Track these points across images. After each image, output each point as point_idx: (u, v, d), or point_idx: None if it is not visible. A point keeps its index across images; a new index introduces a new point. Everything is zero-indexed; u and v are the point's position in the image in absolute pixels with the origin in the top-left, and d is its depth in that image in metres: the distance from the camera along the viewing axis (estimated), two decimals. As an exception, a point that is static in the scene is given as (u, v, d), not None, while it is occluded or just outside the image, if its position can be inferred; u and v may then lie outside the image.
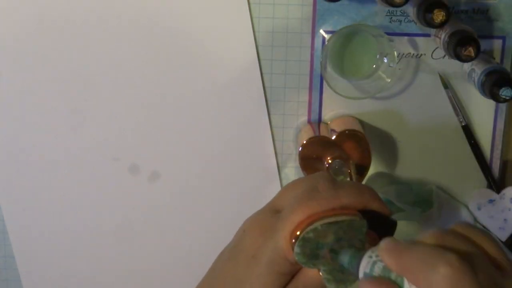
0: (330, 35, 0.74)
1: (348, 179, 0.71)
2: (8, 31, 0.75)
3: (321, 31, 0.75)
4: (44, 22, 0.75)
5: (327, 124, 0.76)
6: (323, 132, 0.73)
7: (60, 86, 0.77)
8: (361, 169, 0.72)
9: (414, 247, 0.46)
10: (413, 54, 0.75)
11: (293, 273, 0.54)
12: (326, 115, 0.77)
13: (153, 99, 0.77)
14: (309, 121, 0.77)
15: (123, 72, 0.76)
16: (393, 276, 0.46)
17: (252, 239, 0.55)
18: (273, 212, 0.56)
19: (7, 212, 0.79)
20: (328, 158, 0.71)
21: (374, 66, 0.73)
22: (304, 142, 0.71)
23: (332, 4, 0.73)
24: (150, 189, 0.79)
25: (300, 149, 0.71)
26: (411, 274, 0.45)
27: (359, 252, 0.50)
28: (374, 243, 0.52)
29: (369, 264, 0.48)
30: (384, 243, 0.47)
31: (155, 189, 0.79)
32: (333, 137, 0.71)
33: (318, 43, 0.75)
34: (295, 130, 0.77)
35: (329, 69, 0.73)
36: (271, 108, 0.77)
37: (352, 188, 0.53)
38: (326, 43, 0.74)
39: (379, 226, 0.54)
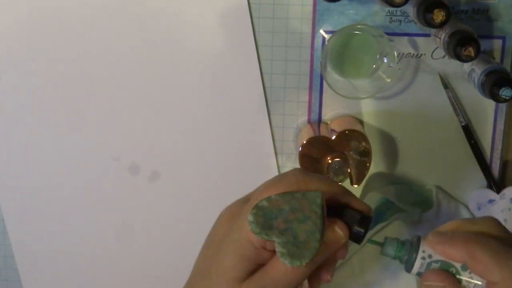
0: (330, 35, 0.74)
1: (348, 179, 0.72)
2: (8, 31, 0.75)
3: (321, 31, 0.75)
4: (44, 22, 0.75)
5: (327, 124, 0.76)
6: (323, 132, 0.73)
7: (60, 86, 0.77)
8: (361, 169, 0.72)
9: (484, 240, 0.49)
10: (413, 54, 0.75)
11: (258, 261, 0.54)
12: (326, 115, 0.77)
13: (153, 99, 0.77)
14: (309, 121, 0.77)
15: (123, 72, 0.76)
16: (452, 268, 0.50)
17: (221, 225, 0.56)
18: (244, 201, 0.57)
19: (7, 212, 0.79)
20: (328, 158, 0.71)
21: (374, 66, 0.73)
22: (304, 142, 0.71)
23: (332, 4, 0.73)
24: (150, 189, 0.79)
25: (300, 149, 0.71)
26: (483, 265, 0.48)
27: (404, 246, 0.53)
28: (342, 233, 0.53)
29: (423, 265, 0.51)
30: (437, 235, 0.51)
31: (155, 188, 0.79)
32: (333, 137, 0.71)
33: (318, 43, 0.75)
34: (295, 130, 0.77)
35: (329, 69, 0.73)
36: (271, 108, 0.77)
37: (322, 178, 0.54)
38: (326, 43, 0.74)
39: (353, 221, 0.54)
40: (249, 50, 0.75)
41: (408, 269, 0.52)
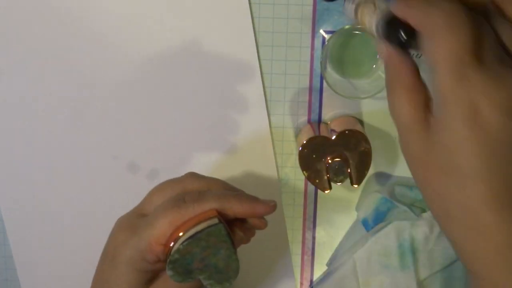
0: (330, 35, 0.74)
1: (348, 179, 0.72)
2: (8, 31, 0.75)
3: (321, 31, 0.75)
4: (43, 22, 0.75)
5: (327, 124, 0.76)
6: (323, 132, 0.73)
7: (58, 85, 0.77)
8: (361, 169, 0.72)
9: None
10: (413, 54, 0.75)
11: (155, 270, 0.57)
12: (326, 115, 0.77)
13: (152, 98, 0.77)
14: (309, 121, 0.77)
15: (122, 71, 0.76)
16: None
17: (115, 239, 0.59)
18: (138, 215, 0.60)
19: (6, 211, 0.79)
20: (328, 158, 0.71)
21: (374, 66, 0.73)
22: (304, 142, 0.71)
23: (332, 4, 0.73)
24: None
25: (300, 149, 0.71)
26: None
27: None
28: (242, 234, 0.59)
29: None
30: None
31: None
32: (333, 137, 0.71)
33: (318, 43, 0.75)
34: (295, 130, 0.77)
35: (329, 69, 0.73)
36: (271, 108, 0.77)
37: (214, 197, 0.57)
38: (326, 43, 0.74)
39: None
40: (249, 50, 0.75)
41: None
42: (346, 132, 0.71)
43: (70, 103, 0.77)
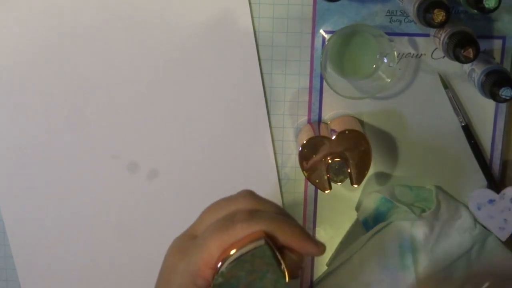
0: (330, 35, 0.74)
1: (348, 179, 0.72)
2: (8, 31, 0.75)
3: (321, 31, 0.75)
4: (43, 22, 0.75)
5: (327, 124, 0.76)
6: (323, 132, 0.73)
7: (59, 85, 0.77)
8: (361, 169, 0.72)
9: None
10: (413, 54, 0.75)
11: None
12: (326, 115, 0.77)
13: (152, 98, 0.77)
14: (309, 121, 0.77)
15: (122, 70, 0.76)
16: None
17: (168, 263, 0.58)
18: (190, 236, 0.58)
19: (6, 211, 0.79)
20: (328, 158, 0.71)
21: (374, 66, 0.73)
22: (304, 142, 0.71)
23: (332, 4, 0.73)
24: (148, 187, 0.79)
25: (300, 149, 0.71)
26: None
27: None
28: (295, 257, 0.54)
29: None
30: None
31: (154, 187, 0.79)
32: (333, 137, 0.71)
33: (318, 43, 0.75)
34: (295, 130, 0.77)
35: (329, 69, 0.73)
36: (271, 108, 0.77)
37: (268, 220, 0.54)
38: (326, 43, 0.74)
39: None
40: (249, 50, 0.75)
41: None
42: (346, 132, 0.71)
43: (70, 103, 0.77)
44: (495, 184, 0.77)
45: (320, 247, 0.54)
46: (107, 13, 0.75)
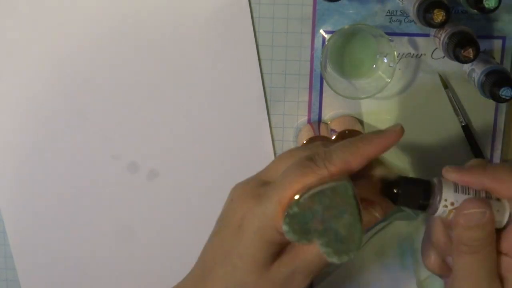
0: (330, 35, 0.74)
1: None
2: (7, 31, 0.75)
3: (321, 31, 0.75)
4: (43, 22, 0.75)
5: (327, 124, 0.76)
6: (323, 132, 0.73)
7: (59, 85, 0.77)
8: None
9: (500, 164, 0.54)
10: (413, 54, 0.75)
11: (283, 243, 0.52)
12: (326, 115, 0.77)
13: (152, 98, 0.77)
14: (309, 121, 0.77)
15: (122, 70, 0.76)
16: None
17: (238, 208, 0.53)
18: (261, 182, 0.55)
19: (6, 211, 0.79)
20: (328, 158, 0.71)
21: (374, 66, 0.73)
22: (304, 142, 0.71)
23: (332, 4, 0.73)
24: (148, 187, 0.79)
25: (300, 149, 0.71)
26: (507, 185, 0.51)
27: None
28: (378, 215, 0.53)
29: (445, 213, 0.52)
30: (456, 167, 0.52)
31: (154, 187, 0.79)
32: (333, 137, 0.71)
33: (318, 43, 0.75)
34: (295, 130, 0.77)
35: (329, 69, 0.73)
36: (271, 108, 0.77)
37: (342, 148, 0.52)
38: (326, 43, 0.74)
39: (388, 188, 0.54)
40: (249, 50, 0.75)
41: (433, 212, 0.52)
42: (346, 132, 0.71)
43: (70, 103, 0.77)
44: (495, 184, 0.77)
45: (396, 129, 0.54)
46: (107, 14, 0.75)
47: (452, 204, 0.51)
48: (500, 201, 0.51)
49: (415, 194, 0.52)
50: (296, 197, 0.49)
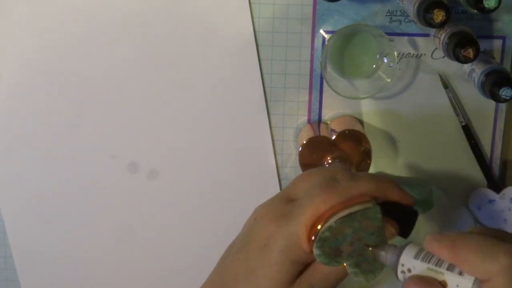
0: (330, 35, 0.74)
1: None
2: (7, 31, 0.75)
3: (321, 31, 0.75)
4: (42, 22, 0.75)
5: (327, 124, 0.76)
6: (323, 132, 0.73)
7: (58, 85, 0.77)
8: (361, 169, 0.72)
9: (469, 238, 0.46)
10: (413, 54, 0.75)
11: (307, 261, 0.53)
12: (326, 115, 0.77)
13: (152, 98, 0.77)
14: (309, 121, 0.77)
15: (122, 70, 0.76)
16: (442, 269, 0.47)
17: (264, 227, 0.54)
18: (286, 200, 0.55)
19: (6, 211, 0.79)
20: (328, 158, 0.71)
21: (374, 66, 0.73)
22: (304, 142, 0.71)
23: (332, 4, 0.73)
24: (148, 187, 0.79)
25: (300, 149, 0.71)
26: (468, 263, 0.45)
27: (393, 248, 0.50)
28: (394, 231, 0.53)
29: (405, 278, 0.48)
30: (432, 235, 0.47)
31: (154, 187, 0.79)
32: (333, 137, 0.71)
33: (318, 43, 0.75)
34: (295, 130, 0.77)
35: (329, 69, 0.73)
36: (271, 108, 0.77)
37: (370, 178, 0.53)
38: (326, 43, 0.74)
39: (400, 216, 0.54)
40: (249, 50, 0.75)
41: (396, 276, 0.50)
42: (346, 132, 0.71)
43: (69, 103, 0.77)
44: (495, 184, 0.77)
45: (413, 197, 0.55)
46: (107, 14, 0.75)
47: (409, 270, 0.49)
48: (463, 275, 0.46)
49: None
50: (329, 222, 0.51)
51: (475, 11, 0.63)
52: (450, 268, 0.47)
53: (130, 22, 0.75)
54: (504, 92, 0.64)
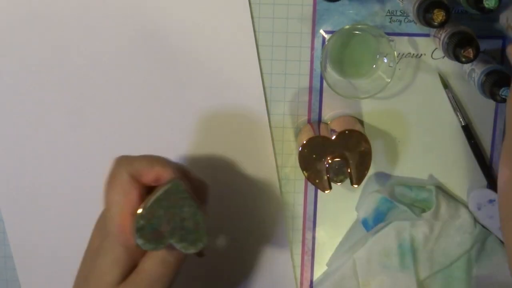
0: (330, 35, 0.74)
1: (348, 179, 0.71)
2: (7, 31, 0.75)
3: (321, 31, 0.75)
4: (42, 21, 0.75)
5: (327, 124, 0.76)
6: (323, 132, 0.73)
7: (58, 86, 0.77)
8: (361, 169, 0.72)
9: None
10: (413, 54, 0.75)
11: (133, 262, 0.57)
12: (326, 115, 0.77)
13: (152, 98, 0.77)
14: (309, 121, 0.77)
15: (122, 71, 0.76)
16: None
17: (94, 235, 0.61)
18: (103, 217, 0.62)
19: (6, 211, 0.79)
20: (328, 158, 0.71)
21: (374, 66, 0.73)
22: (304, 142, 0.71)
23: (332, 4, 0.73)
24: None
25: (300, 149, 0.71)
26: None
27: None
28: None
29: None
30: None
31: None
32: (333, 137, 0.71)
33: (318, 43, 0.75)
34: (295, 130, 0.77)
35: (329, 69, 0.73)
36: (271, 108, 0.77)
37: (144, 161, 0.58)
38: (326, 43, 0.74)
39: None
40: (249, 50, 0.75)
41: None
42: (346, 132, 0.71)
43: (69, 103, 0.77)
44: (495, 184, 0.77)
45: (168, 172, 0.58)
46: (106, 14, 0.75)
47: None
48: None
49: None
50: (139, 211, 0.54)
51: (475, 11, 0.63)
52: None
53: (130, 22, 0.75)
54: (504, 92, 0.65)
